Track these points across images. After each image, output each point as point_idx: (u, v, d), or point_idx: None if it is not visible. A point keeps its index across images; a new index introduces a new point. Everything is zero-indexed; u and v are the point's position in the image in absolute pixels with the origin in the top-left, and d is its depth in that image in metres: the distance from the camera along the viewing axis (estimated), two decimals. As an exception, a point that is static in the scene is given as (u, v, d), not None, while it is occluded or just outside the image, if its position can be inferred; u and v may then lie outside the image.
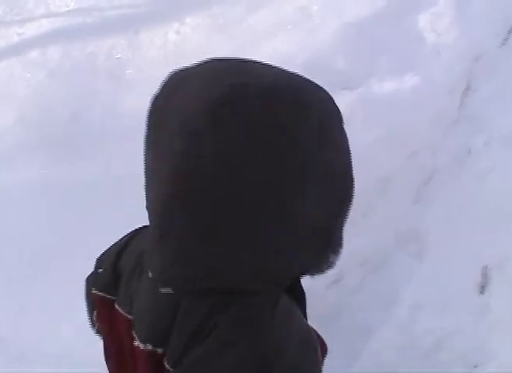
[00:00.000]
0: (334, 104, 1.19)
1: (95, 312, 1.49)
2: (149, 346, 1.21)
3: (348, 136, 1.21)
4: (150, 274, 1.21)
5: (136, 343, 1.25)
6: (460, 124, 3.86)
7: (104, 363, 1.47)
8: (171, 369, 1.16)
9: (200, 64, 1.21)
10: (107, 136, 4.41)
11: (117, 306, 1.37)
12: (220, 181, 1.05)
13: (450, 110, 3.88)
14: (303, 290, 1.32)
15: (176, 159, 1.08)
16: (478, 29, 4.29)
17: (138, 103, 4.47)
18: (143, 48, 5.05)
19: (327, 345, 1.36)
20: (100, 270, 1.47)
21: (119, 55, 5.10)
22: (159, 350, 1.20)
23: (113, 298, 1.39)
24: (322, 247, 1.18)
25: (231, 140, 1.05)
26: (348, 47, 4.20)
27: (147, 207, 1.20)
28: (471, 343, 2.86)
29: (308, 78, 1.19)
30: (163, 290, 1.17)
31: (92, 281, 1.50)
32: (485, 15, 4.42)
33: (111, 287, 1.40)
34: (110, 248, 1.50)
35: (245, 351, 1.08)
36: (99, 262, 1.51)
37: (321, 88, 1.19)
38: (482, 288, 3.12)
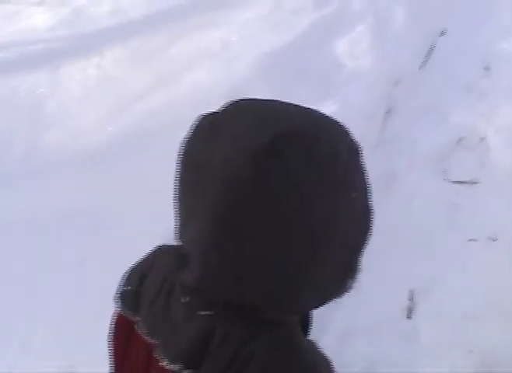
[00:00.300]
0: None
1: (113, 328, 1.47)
2: (177, 367, 1.21)
3: None
4: (183, 299, 1.23)
5: (164, 363, 1.23)
6: (382, 148, 3.87)
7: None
8: None
9: (231, 108, 1.19)
10: (30, 169, 4.30)
11: (137, 328, 1.36)
12: (263, 224, 1.08)
13: (371, 135, 3.88)
14: (311, 317, 1.39)
15: (219, 208, 1.09)
16: (398, 52, 4.34)
17: (59, 138, 4.46)
18: (64, 83, 4.97)
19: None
20: (125, 288, 1.44)
21: (41, 90, 5.00)
22: (187, 372, 1.20)
23: (134, 318, 1.38)
24: (345, 278, 1.22)
25: (275, 189, 1.07)
26: (266, 76, 4.20)
27: (180, 235, 1.23)
28: (402, 368, 2.84)
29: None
30: (203, 312, 1.19)
31: (117, 298, 1.46)
32: (403, 39, 4.49)
33: (134, 307, 1.39)
34: (135, 266, 1.48)
35: (291, 361, 1.15)
36: (127, 280, 1.47)
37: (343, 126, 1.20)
38: (410, 312, 3.11)
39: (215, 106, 1.22)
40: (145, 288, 1.39)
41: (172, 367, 1.21)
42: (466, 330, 2.99)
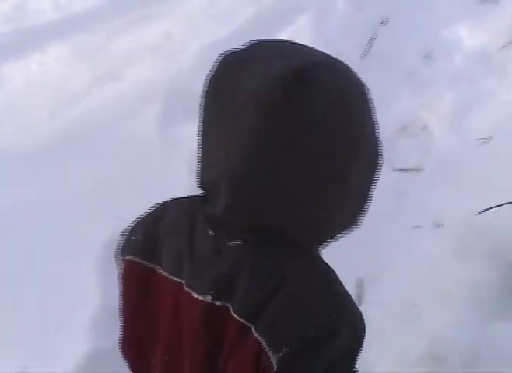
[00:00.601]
0: None
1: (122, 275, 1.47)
2: (209, 298, 1.24)
3: None
4: (211, 232, 1.28)
5: (195, 295, 1.27)
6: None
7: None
8: (239, 318, 1.20)
9: (255, 45, 1.26)
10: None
11: (161, 271, 1.37)
12: (295, 146, 1.15)
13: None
14: None
15: (253, 133, 1.15)
16: (340, 42, 4.35)
17: (1, 135, 4.40)
18: (6, 80, 4.90)
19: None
20: (133, 237, 1.45)
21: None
22: (218, 303, 1.24)
23: (152, 264, 1.39)
24: (363, 207, 1.30)
25: (305, 110, 1.14)
26: (208, 69, 4.20)
27: (203, 176, 1.29)
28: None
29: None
30: (232, 243, 1.24)
31: (122, 250, 1.47)
32: (345, 29, 4.52)
33: (147, 252, 1.41)
34: (141, 219, 1.48)
35: (320, 286, 1.23)
36: (132, 231, 1.47)
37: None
38: (359, 300, 3.14)
39: (159, 100, 1.25)
40: (160, 232, 1.41)
41: (203, 297, 1.25)
42: (413, 316, 3.04)
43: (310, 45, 1.28)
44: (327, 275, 1.27)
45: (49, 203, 3.70)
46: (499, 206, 3.16)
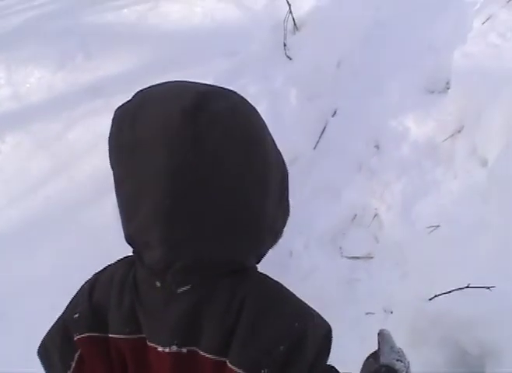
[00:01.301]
0: None
1: (77, 357, 1.39)
2: (174, 347, 1.26)
3: None
4: (158, 284, 1.28)
5: (160, 348, 1.27)
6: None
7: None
8: (212, 356, 1.23)
9: (140, 94, 1.29)
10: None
11: (113, 335, 1.35)
12: (210, 170, 1.19)
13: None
14: None
15: (169, 170, 1.17)
16: (292, 133, 4.44)
17: None
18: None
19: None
20: (76, 315, 1.40)
21: None
22: (184, 350, 1.26)
23: (103, 334, 1.36)
24: (283, 216, 1.42)
25: (211, 137, 1.18)
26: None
27: (128, 228, 1.30)
28: None
29: None
30: (181, 289, 1.26)
31: (71, 329, 1.40)
32: (298, 120, 4.60)
33: (96, 325, 1.37)
34: (72, 299, 1.47)
35: (276, 300, 1.30)
36: (72, 310, 1.43)
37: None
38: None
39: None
40: (99, 300, 1.39)
41: (168, 349, 1.26)
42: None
43: None
44: (278, 288, 1.34)
45: (5, 292, 3.69)
46: (449, 292, 3.21)
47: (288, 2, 5.18)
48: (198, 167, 1.18)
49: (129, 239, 1.33)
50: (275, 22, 5.29)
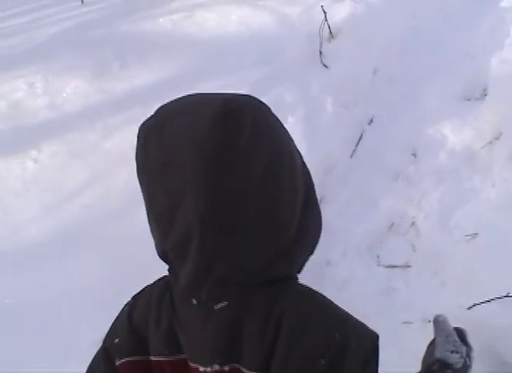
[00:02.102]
0: None
1: None
2: (216, 366, 1.25)
3: None
4: (195, 301, 1.27)
5: (201, 369, 1.27)
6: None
7: None
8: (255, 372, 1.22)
9: (163, 110, 1.29)
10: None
11: (155, 358, 1.35)
12: (246, 175, 1.18)
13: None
14: None
15: (202, 176, 1.16)
16: (329, 141, 4.44)
17: None
18: (1, 177, 4.94)
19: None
20: (116, 340, 1.40)
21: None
22: (226, 368, 1.25)
23: (145, 357, 1.36)
24: (318, 215, 1.41)
25: (241, 141, 1.17)
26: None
27: (162, 246, 1.28)
28: None
29: None
30: (218, 306, 1.24)
31: (113, 353, 1.40)
32: (334, 128, 4.59)
33: (137, 348, 1.36)
34: (114, 322, 1.47)
35: (316, 310, 1.26)
36: (112, 335, 1.43)
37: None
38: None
39: None
40: (139, 324, 1.38)
41: (210, 368, 1.25)
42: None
43: (300, 145, 1.32)
44: (317, 299, 1.30)
45: (41, 301, 3.71)
46: (488, 301, 3.18)
47: (323, 10, 5.18)
48: (232, 172, 1.17)
49: (164, 256, 1.31)
50: (310, 29, 5.30)
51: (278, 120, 1.30)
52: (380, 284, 3.73)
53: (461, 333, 1.59)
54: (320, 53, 5.13)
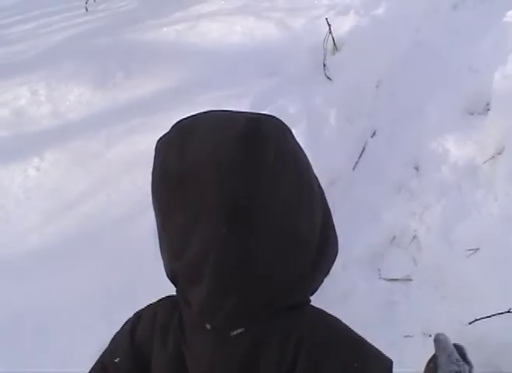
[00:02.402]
0: None
1: None
2: None
3: None
4: (208, 326, 1.22)
5: None
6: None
7: None
8: None
9: (183, 125, 1.27)
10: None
11: None
12: (266, 199, 1.16)
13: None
14: None
15: (224, 195, 1.13)
16: (332, 153, 4.44)
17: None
18: (3, 184, 4.94)
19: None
20: (117, 359, 1.35)
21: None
22: None
23: None
24: (334, 239, 1.38)
25: (266, 162, 1.16)
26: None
27: (173, 265, 1.26)
28: None
29: None
30: (234, 332, 1.20)
31: None
32: (337, 140, 4.59)
33: (139, 369, 1.33)
34: (113, 340, 1.43)
35: (334, 336, 1.25)
36: (112, 353, 1.38)
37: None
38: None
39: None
40: (142, 345, 1.34)
41: None
42: None
43: None
44: (332, 323, 1.30)
45: (42, 309, 3.71)
46: (489, 316, 3.17)
47: (328, 22, 5.19)
48: (255, 191, 1.15)
49: (173, 277, 1.29)
50: (314, 42, 5.31)
51: (297, 142, 1.29)
52: (381, 297, 3.73)
53: (461, 351, 1.55)
54: (324, 65, 5.14)
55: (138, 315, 1.42)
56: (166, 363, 1.29)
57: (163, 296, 1.41)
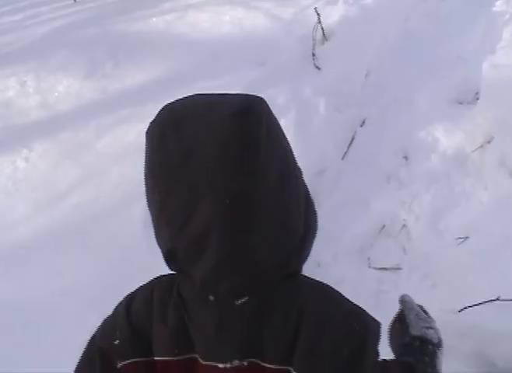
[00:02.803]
0: None
1: None
2: (236, 362, 1.24)
3: None
4: (212, 297, 1.25)
5: (221, 365, 1.25)
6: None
7: None
8: (276, 366, 1.23)
9: (177, 107, 1.28)
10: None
11: (161, 358, 1.32)
12: (264, 169, 1.20)
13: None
14: None
15: (225, 169, 1.16)
16: (321, 143, 4.44)
17: None
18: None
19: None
20: (116, 341, 1.35)
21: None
22: (245, 363, 1.24)
23: (149, 358, 1.33)
24: (315, 212, 1.39)
25: (260, 138, 1.19)
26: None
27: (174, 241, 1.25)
28: None
29: None
30: (239, 301, 1.24)
31: (113, 355, 1.35)
32: (326, 130, 4.59)
33: (140, 349, 1.33)
34: (106, 323, 1.42)
35: (332, 303, 1.31)
36: (110, 335, 1.37)
37: None
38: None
39: (143, 197, 1.27)
40: (140, 325, 1.34)
41: (230, 364, 1.24)
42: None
43: (292, 146, 1.33)
44: (326, 289, 1.36)
45: (31, 301, 3.70)
46: (478, 304, 3.18)
47: (317, 12, 5.18)
48: (254, 170, 1.18)
49: (172, 255, 1.28)
50: (303, 31, 5.30)
51: (278, 122, 1.33)
52: (370, 286, 3.74)
53: (423, 309, 1.71)
54: (313, 55, 5.13)
55: (132, 296, 1.43)
56: (167, 340, 1.30)
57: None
